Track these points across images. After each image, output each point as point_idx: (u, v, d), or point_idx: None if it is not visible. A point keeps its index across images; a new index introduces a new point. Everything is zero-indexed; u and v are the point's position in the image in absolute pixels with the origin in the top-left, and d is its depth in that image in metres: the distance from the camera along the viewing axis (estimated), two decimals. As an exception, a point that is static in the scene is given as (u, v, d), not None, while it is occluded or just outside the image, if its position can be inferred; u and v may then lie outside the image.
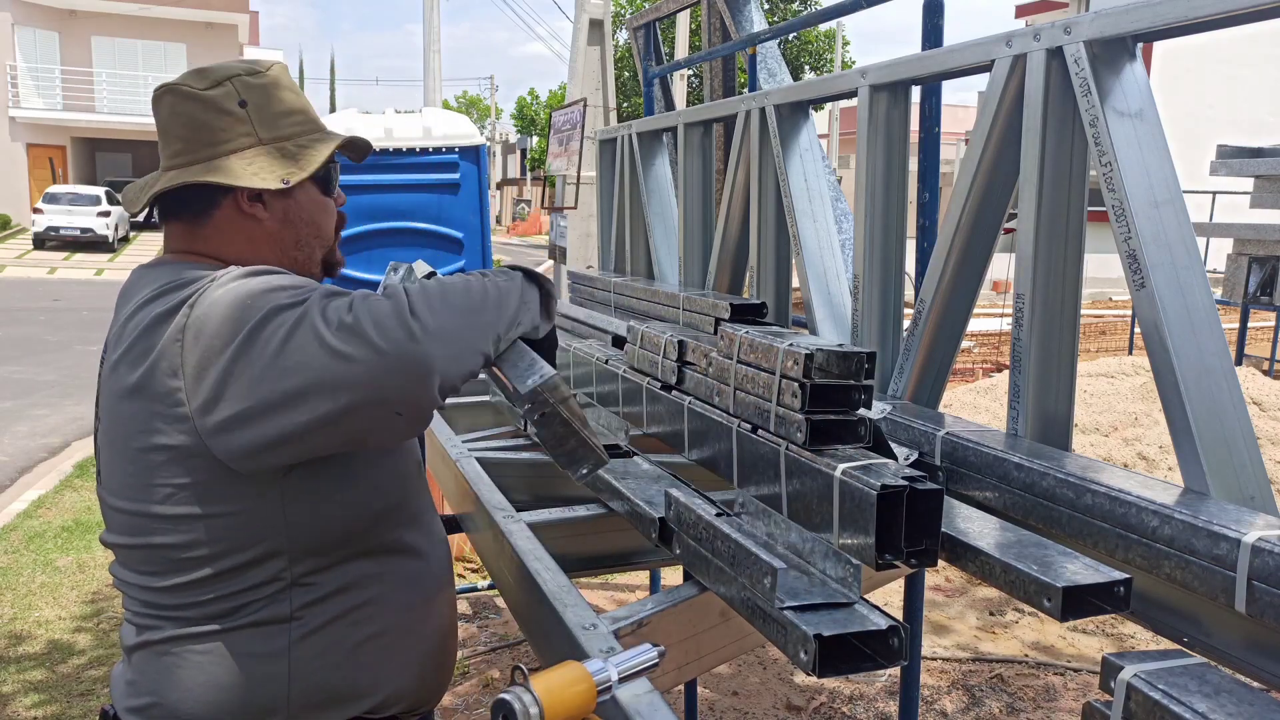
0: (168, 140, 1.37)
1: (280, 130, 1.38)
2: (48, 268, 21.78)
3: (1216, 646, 1.25)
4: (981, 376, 10.06)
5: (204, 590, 1.27)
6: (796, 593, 1.25)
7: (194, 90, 1.35)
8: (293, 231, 1.41)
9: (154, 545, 1.28)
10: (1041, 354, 1.65)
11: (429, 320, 1.19)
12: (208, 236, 1.37)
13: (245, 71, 1.38)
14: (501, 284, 1.33)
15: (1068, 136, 1.60)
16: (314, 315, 1.18)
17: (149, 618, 1.31)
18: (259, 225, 1.38)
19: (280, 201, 1.39)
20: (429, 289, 1.25)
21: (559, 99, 34.39)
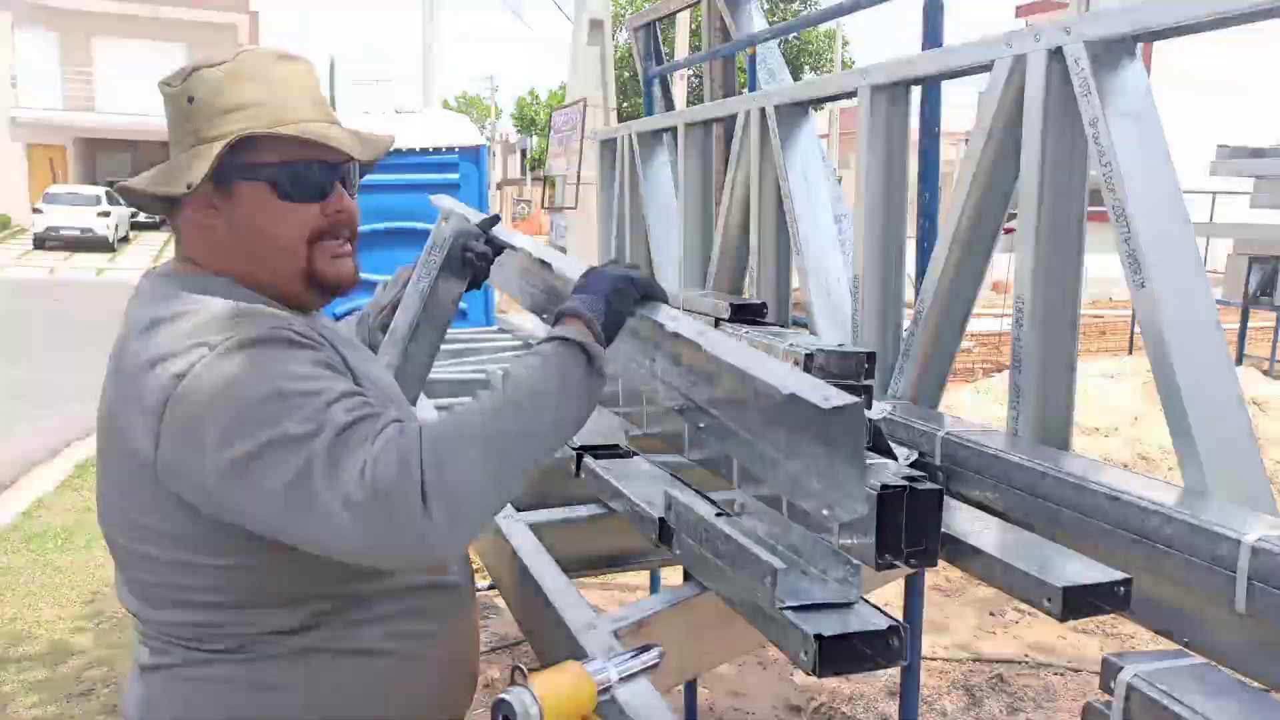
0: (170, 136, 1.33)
1: (219, 128, 1.23)
2: (48, 268, 21.78)
3: (1216, 646, 1.25)
4: (981, 376, 10.06)
5: (214, 626, 1.21)
6: (797, 593, 1.25)
7: (164, 87, 1.30)
8: (242, 243, 1.27)
9: (154, 582, 1.23)
10: (1041, 354, 1.65)
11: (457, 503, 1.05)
12: (183, 241, 1.31)
13: (208, 63, 1.27)
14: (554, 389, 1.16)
15: (1068, 137, 1.60)
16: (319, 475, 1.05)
17: (160, 641, 1.26)
18: (213, 232, 1.27)
19: (228, 207, 1.26)
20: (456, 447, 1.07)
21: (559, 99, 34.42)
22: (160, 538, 1.19)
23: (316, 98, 1.32)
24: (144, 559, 1.22)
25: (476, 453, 1.08)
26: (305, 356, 1.15)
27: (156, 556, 1.20)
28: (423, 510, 1.03)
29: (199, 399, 1.10)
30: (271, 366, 1.12)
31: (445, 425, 1.11)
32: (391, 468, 1.04)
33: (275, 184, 1.25)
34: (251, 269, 1.28)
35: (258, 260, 1.28)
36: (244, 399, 1.09)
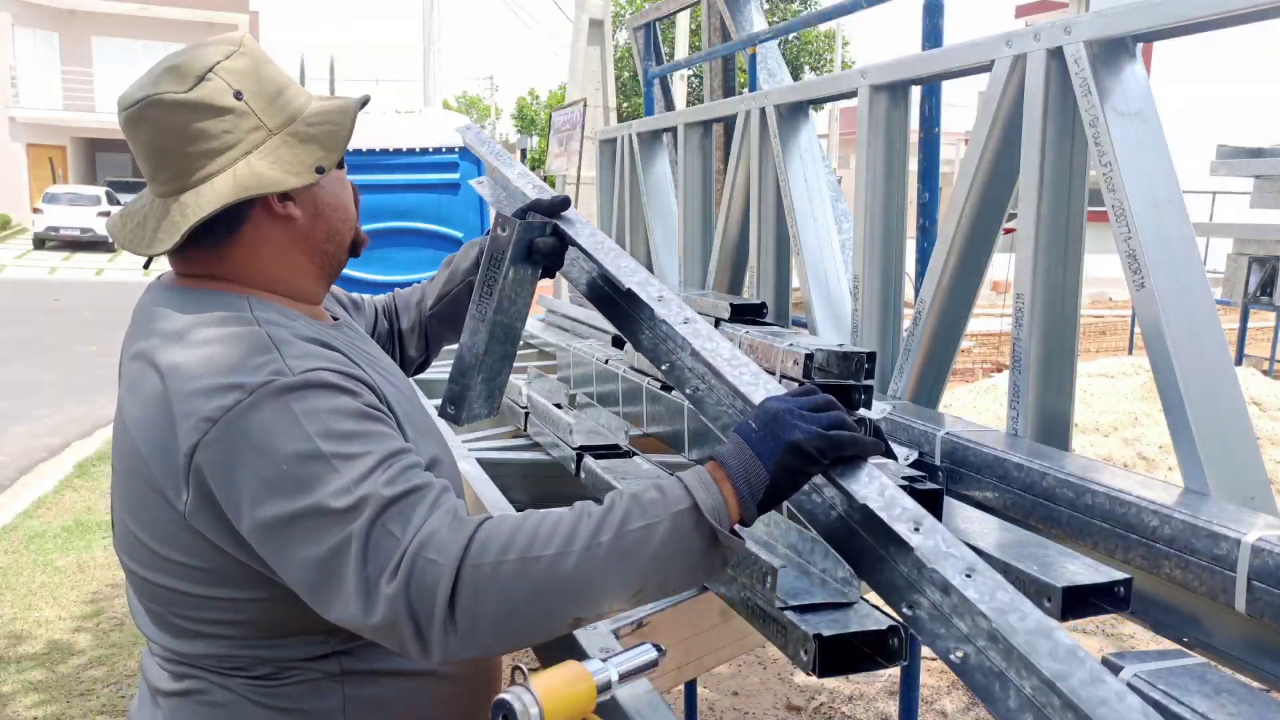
0: (163, 161, 1.15)
1: (284, 114, 1.19)
2: (48, 268, 21.78)
3: (1216, 646, 1.25)
4: (981, 376, 10.06)
5: (242, 656, 1.15)
6: (796, 593, 1.25)
7: (178, 96, 1.13)
8: (325, 223, 1.24)
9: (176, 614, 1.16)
10: (1041, 354, 1.65)
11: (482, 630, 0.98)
12: (233, 256, 1.19)
13: (224, 56, 1.17)
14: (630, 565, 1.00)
15: (1068, 136, 1.60)
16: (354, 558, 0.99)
17: (184, 666, 1.18)
18: (293, 227, 1.21)
19: (309, 194, 1.21)
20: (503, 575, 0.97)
21: (559, 99, 34.39)
22: (184, 571, 1.12)
23: None
24: (165, 591, 1.15)
25: (520, 591, 0.98)
26: (347, 406, 1.07)
27: (179, 589, 1.13)
28: (445, 621, 0.97)
29: (233, 449, 1.03)
30: (310, 420, 1.03)
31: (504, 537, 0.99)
32: (427, 572, 0.97)
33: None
34: (324, 250, 1.25)
35: (332, 237, 1.25)
36: (280, 455, 1.02)
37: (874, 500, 1.03)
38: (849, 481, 1.05)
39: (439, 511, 1.01)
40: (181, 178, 1.15)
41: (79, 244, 24.51)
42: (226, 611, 1.13)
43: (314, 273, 1.26)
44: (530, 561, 0.98)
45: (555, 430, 2.11)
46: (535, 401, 2.27)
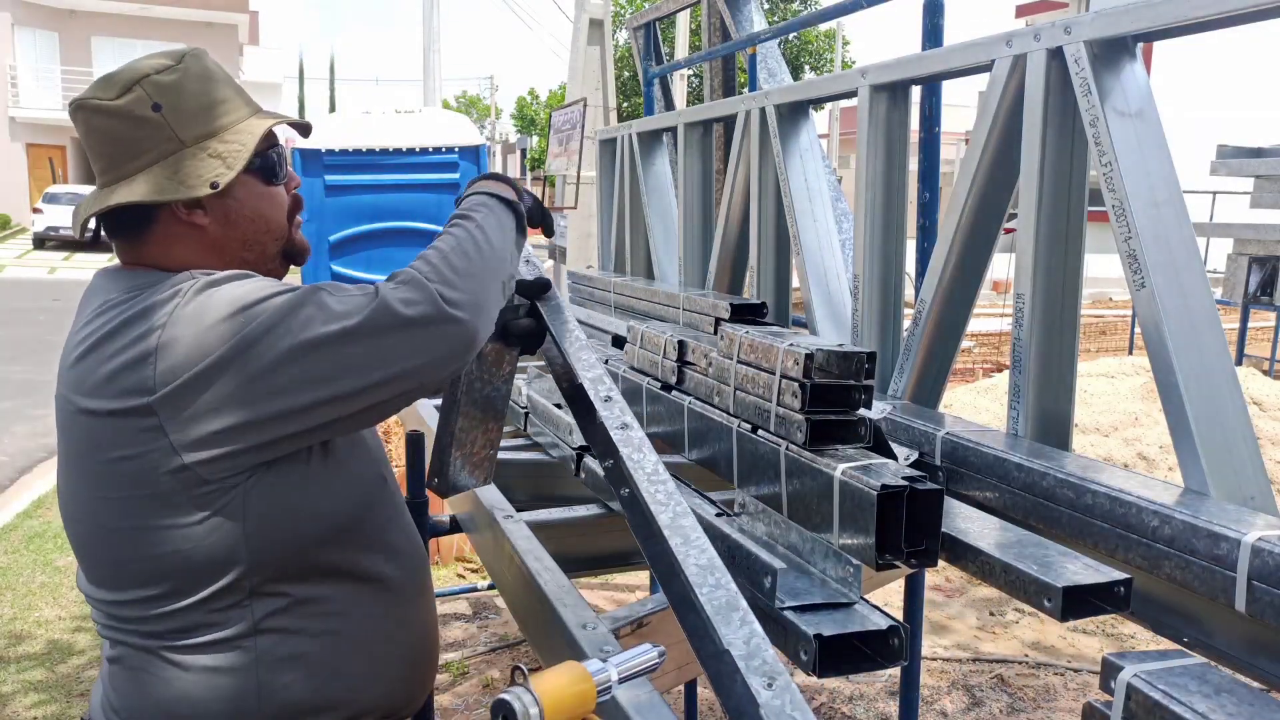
0: (93, 157, 1.28)
1: (203, 127, 1.27)
2: (48, 268, 21.78)
3: (1216, 646, 1.25)
4: (981, 376, 10.05)
5: (164, 603, 1.22)
6: (797, 593, 1.25)
7: (103, 102, 1.25)
8: (237, 232, 1.32)
9: (109, 558, 1.24)
10: (1041, 354, 1.65)
11: (464, 299, 1.20)
12: (151, 249, 1.29)
13: (155, 70, 1.26)
14: (493, 231, 1.33)
15: (1068, 136, 1.60)
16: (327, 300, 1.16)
17: (116, 630, 1.28)
18: (201, 232, 1.29)
19: (219, 203, 1.29)
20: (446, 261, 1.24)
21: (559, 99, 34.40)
22: (121, 506, 1.19)
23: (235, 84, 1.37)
24: (102, 531, 1.22)
25: (453, 250, 1.25)
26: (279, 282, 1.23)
27: (112, 526, 1.21)
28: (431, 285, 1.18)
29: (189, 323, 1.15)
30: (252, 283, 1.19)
31: (428, 252, 1.26)
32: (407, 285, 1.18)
33: (261, 172, 1.33)
34: (240, 257, 1.32)
35: (249, 247, 1.33)
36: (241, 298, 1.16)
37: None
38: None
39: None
40: (105, 174, 1.27)
41: (79, 244, 24.49)
42: (143, 545, 1.20)
43: (254, 264, 1.34)
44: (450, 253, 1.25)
45: (555, 430, 2.11)
46: (535, 401, 2.27)
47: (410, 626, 1.41)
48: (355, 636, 1.31)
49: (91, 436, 1.20)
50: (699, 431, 1.90)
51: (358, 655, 1.32)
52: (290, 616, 1.26)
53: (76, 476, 1.24)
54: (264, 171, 1.34)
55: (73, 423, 1.23)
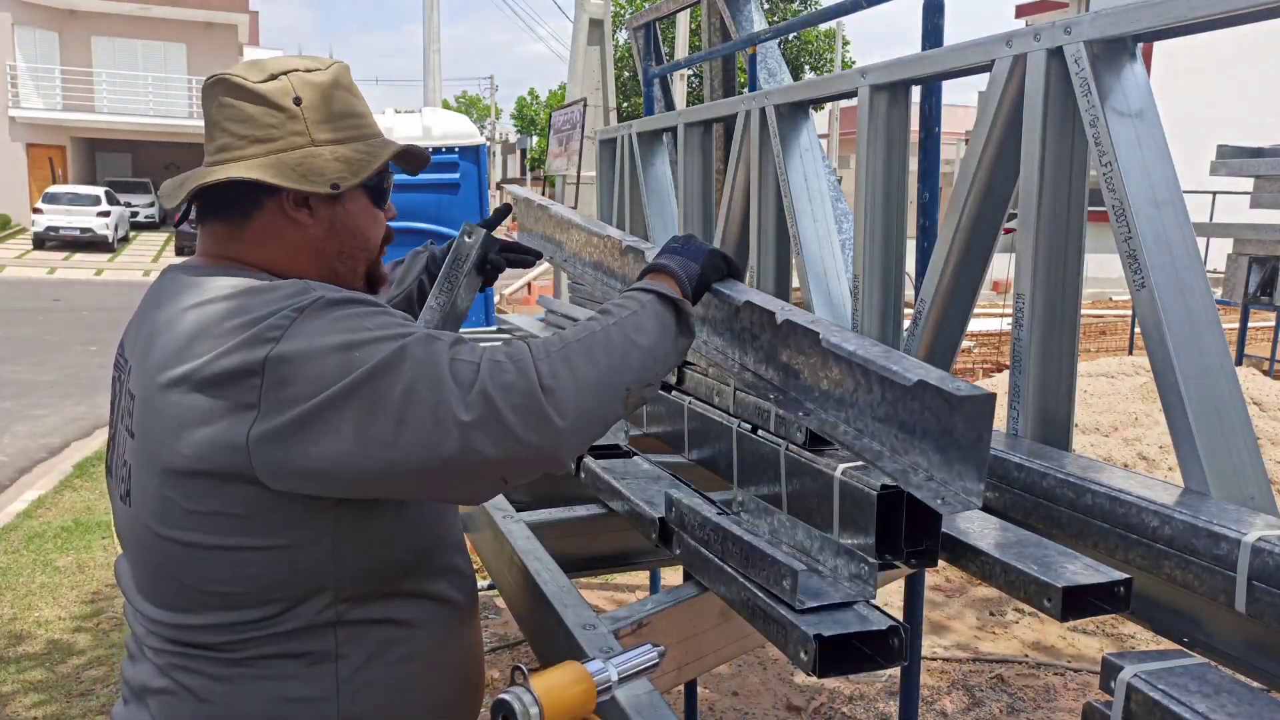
0: (214, 133, 1.28)
1: (335, 133, 1.29)
2: (48, 268, 21.78)
3: (1216, 646, 1.25)
4: (981, 376, 10.05)
5: (248, 630, 1.17)
6: (814, 593, 1.25)
7: (247, 82, 1.26)
8: (337, 241, 1.32)
9: (185, 579, 1.17)
10: (1041, 354, 1.65)
11: (567, 405, 1.13)
12: (247, 240, 1.28)
13: (303, 67, 1.29)
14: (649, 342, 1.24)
15: (1068, 136, 1.60)
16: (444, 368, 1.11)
17: (181, 656, 1.20)
18: (302, 231, 1.29)
19: (328, 208, 1.30)
20: (567, 354, 1.17)
21: (559, 99, 34.37)
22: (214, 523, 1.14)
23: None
24: (185, 549, 1.16)
25: (584, 365, 1.17)
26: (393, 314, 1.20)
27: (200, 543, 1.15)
28: (542, 405, 1.11)
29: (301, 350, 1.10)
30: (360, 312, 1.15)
31: (550, 340, 1.19)
32: (509, 372, 1.12)
33: (373, 192, 1.36)
34: (332, 266, 1.33)
35: (343, 259, 1.34)
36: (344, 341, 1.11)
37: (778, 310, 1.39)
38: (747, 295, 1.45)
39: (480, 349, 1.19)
40: (223, 150, 1.26)
41: (79, 244, 24.51)
42: (245, 564, 1.15)
43: (343, 278, 1.33)
44: (575, 349, 1.18)
45: (555, 430, 2.11)
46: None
47: (470, 648, 1.40)
48: (426, 660, 1.29)
49: (182, 443, 1.13)
50: (699, 431, 1.90)
51: (428, 678, 1.30)
52: (370, 642, 1.23)
53: (156, 481, 1.17)
54: (376, 193, 1.37)
55: (157, 426, 1.16)
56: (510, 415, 1.10)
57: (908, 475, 1.14)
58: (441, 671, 1.32)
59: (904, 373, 1.14)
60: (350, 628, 1.21)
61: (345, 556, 1.18)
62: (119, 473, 1.25)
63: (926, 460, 1.13)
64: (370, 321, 1.14)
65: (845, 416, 1.24)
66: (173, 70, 30.33)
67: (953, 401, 1.08)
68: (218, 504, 1.13)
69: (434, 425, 1.09)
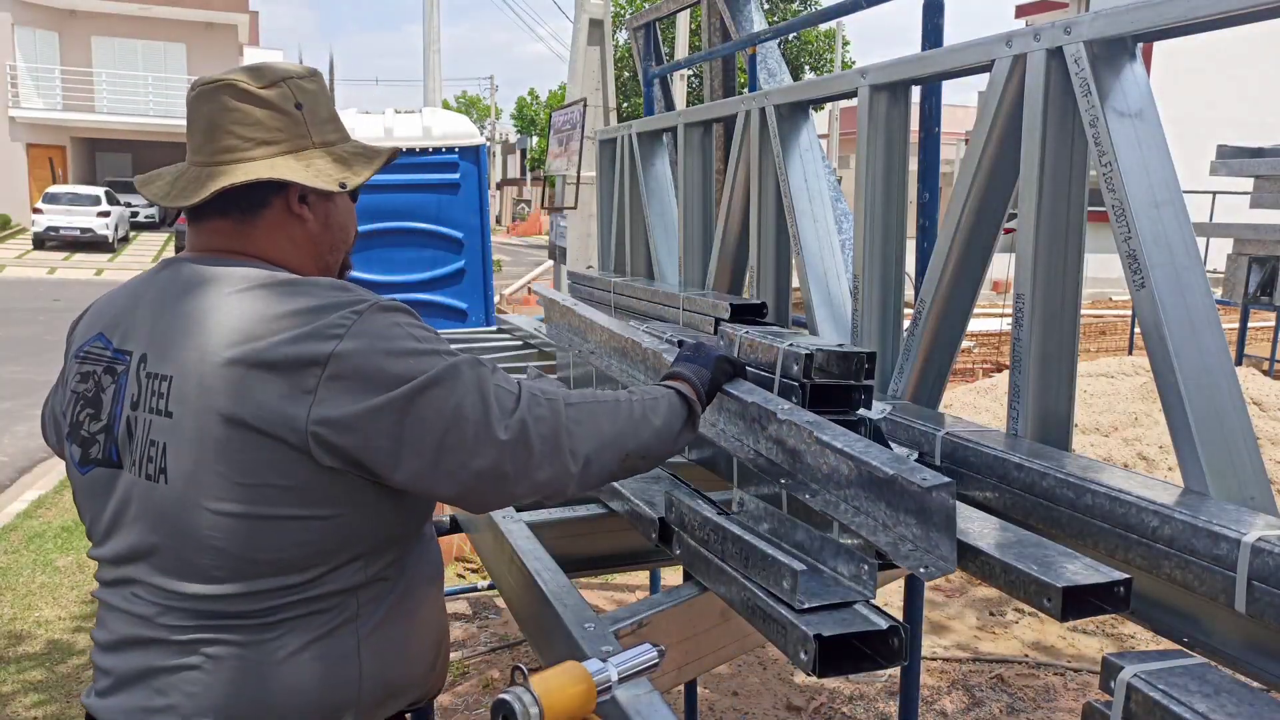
0: (214, 134, 1.34)
1: (330, 135, 1.41)
2: (48, 268, 21.78)
3: (1216, 646, 1.25)
4: (981, 376, 10.05)
5: (285, 595, 1.23)
6: (814, 593, 1.25)
7: (252, 89, 1.35)
8: (329, 236, 1.43)
9: (238, 548, 1.21)
10: (1041, 354, 1.65)
11: (582, 449, 1.32)
12: (254, 235, 1.36)
13: (296, 74, 1.39)
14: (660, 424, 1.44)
15: (1068, 136, 1.60)
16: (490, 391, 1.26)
17: (207, 630, 1.23)
18: (303, 227, 1.39)
19: (323, 205, 1.40)
20: (593, 408, 1.36)
21: (559, 99, 34.40)
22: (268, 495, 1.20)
23: None
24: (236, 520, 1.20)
25: (605, 422, 1.36)
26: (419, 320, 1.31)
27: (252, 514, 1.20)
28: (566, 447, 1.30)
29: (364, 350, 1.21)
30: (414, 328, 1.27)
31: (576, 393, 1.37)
32: (543, 408, 1.30)
33: (353, 191, 1.44)
34: (325, 259, 1.43)
35: (333, 251, 1.45)
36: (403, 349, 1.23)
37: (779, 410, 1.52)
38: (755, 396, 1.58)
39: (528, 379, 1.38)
40: (225, 153, 1.34)
41: (79, 244, 24.50)
42: (292, 532, 1.22)
43: (312, 274, 1.39)
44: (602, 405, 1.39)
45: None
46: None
47: (442, 610, 1.51)
48: (422, 619, 1.40)
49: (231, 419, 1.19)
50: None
51: (421, 637, 1.40)
52: (384, 601, 1.32)
53: (198, 459, 1.21)
54: (353, 190, 1.45)
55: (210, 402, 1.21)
56: (538, 444, 1.27)
57: (898, 547, 1.27)
58: (429, 632, 1.42)
59: (881, 466, 1.29)
60: (370, 588, 1.30)
61: (379, 524, 1.29)
62: (145, 453, 1.26)
63: (911, 533, 1.25)
64: (420, 333, 1.27)
65: (844, 496, 1.37)
66: (173, 70, 30.33)
67: (917, 492, 1.24)
68: (270, 475, 1.20)
69: (475, 441, 1.23)
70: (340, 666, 1.27)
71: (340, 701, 1.27)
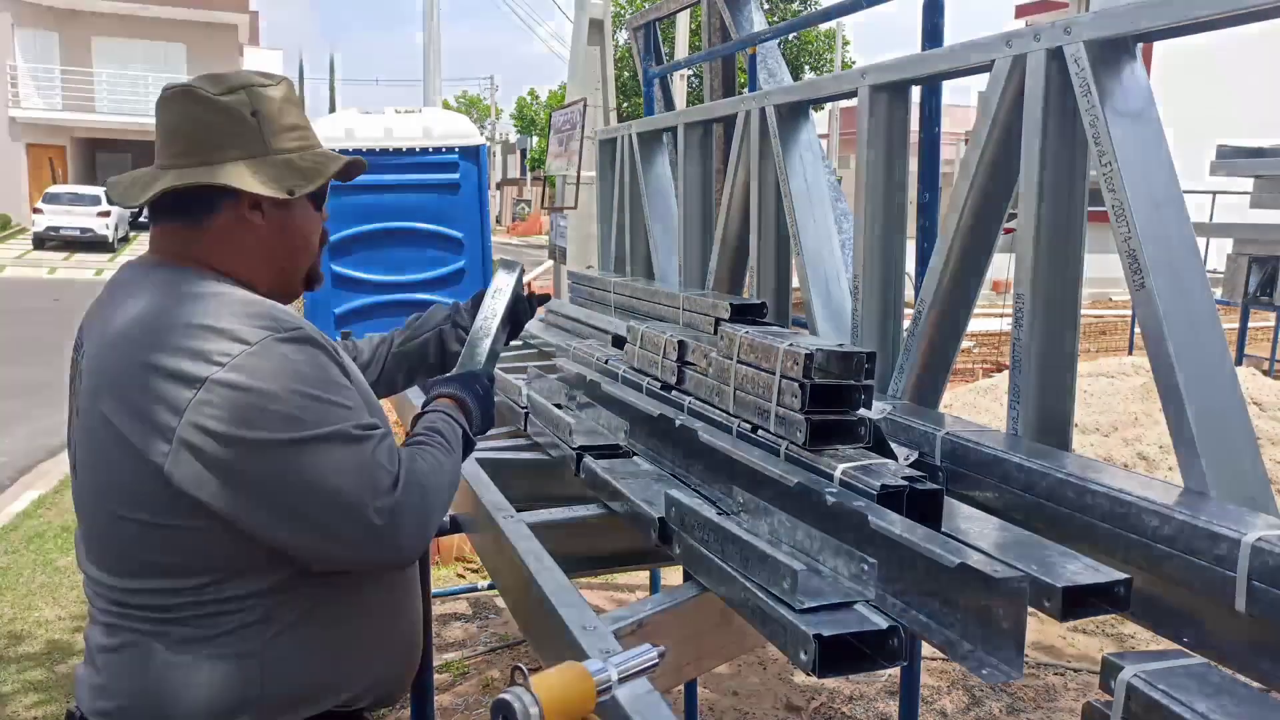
0: (173, 139, 1.38)
1: (285, 144, 1.41)
2: (48, 268, 21.78)
3: (1216, 646, 1.25)
4: (981, 376, 10.05)
5: (181, 595, 1.27)
6: (814, 593, 1.24)
7: (209, 94, 1.36)
8: (286, 243, 1.43)
9: (126, 545, 1.28)
10: (1041, 354, 1.65)
11: (431, 524, 1.37)
12: (204, 241, 1.37)
13: (258, 83, 1.40)
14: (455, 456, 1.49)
15: (1068, 136, 1.60)
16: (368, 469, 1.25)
17: (120, 617, 1.30)
18: (255, 233, 1.39)
19: (279, 212, 1.40)
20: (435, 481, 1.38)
21: (559, 99, 34.39)
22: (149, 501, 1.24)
23: None
24: (129, 523, 1.26)
25: (446, 498, 1.41)
26: (329, 362, 1.30)
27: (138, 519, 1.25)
28: (425, 532, 1.33)
29: (243, 385, 1.20)
30: (307, 369, 1.26)
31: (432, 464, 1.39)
32: (415, 494, 1.30)
33: (314, 197, 1.45)
34: (280, 266, 1.43)
35: (289, 259, 1.45)
36: (289, 394, 1.22)
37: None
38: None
39: (400, 452, 1.36)
40: (182, 156, 1.36)
41: (79, 244, 24.49)
42: (178, 541, 1.25)
43: (269, 283, 1.43)
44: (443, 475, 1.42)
45: (555, 430, 2.11)
46: (535, 401, 2.27)
47: (405, 614, 1.50)
48: (356, 626, 1.39)
49: (107, 420, 1.25)
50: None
51: (356, 644, 1.39)
52: (298, 606, 1.32)
53: (88, 456, 1.29)
54: (318, 198, 1.47)
55: (94, 423, 1.28)
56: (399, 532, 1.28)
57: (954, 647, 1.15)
58: (369, 634, 1.42)
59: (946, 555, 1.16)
60: (279, 594, 1.30)
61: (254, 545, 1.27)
62: (72, 448, 1.36)
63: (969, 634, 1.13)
64: (317, 378, 1.26)
65: (893, 590, 1.24)
66: (173, 70, 30.24)
67: (990, 583, 1.09)
68: (154, 484, 1.22)
69: (339, 519, 1.24)
70: (240, 666, 1.28)
71: (236, 701, 1.28)
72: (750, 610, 1.30)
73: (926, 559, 1.17)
